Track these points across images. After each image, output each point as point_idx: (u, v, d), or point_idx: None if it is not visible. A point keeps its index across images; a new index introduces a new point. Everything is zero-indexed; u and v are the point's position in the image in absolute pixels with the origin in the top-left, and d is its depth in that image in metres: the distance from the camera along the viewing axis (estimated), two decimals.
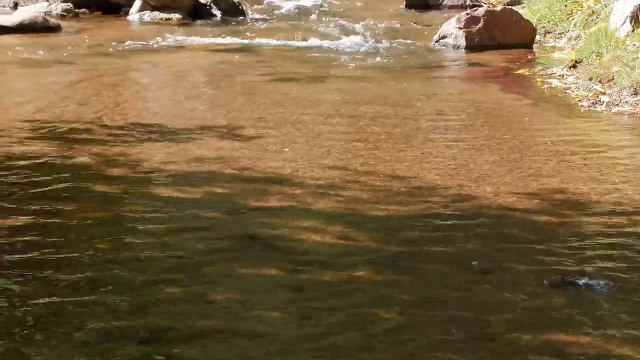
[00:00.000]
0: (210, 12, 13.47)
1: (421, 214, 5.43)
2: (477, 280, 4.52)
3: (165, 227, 5.18)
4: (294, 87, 9.04)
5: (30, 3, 13.70)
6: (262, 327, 4.03)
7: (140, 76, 9.91)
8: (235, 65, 10.22)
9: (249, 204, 5.58)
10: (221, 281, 4.50)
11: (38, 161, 6.39)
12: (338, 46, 11.33)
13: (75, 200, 5.61)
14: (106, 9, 13.54)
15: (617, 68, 8.75)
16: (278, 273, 4.59)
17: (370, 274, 4.58)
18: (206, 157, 6.51)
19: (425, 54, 10.88)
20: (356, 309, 4.20)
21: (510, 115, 7.90)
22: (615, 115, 7.97)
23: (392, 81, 9.41)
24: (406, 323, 4.09)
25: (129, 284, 4.44)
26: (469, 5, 13.58)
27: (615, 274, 4.55)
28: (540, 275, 4.55)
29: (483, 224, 5.27)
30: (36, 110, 7.92)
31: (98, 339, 3.91)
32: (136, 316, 4.11)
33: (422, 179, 6.07)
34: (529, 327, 4.04)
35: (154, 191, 5.80)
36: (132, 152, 6.65)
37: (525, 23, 11.25)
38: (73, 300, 4.27)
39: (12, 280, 4.47)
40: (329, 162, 6.42)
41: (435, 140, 7.03)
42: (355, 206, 5.54)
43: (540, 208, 5.52)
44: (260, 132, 7.21)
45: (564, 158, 6.55)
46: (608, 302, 4.26)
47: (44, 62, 10.27)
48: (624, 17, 9.70)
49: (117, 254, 4.80)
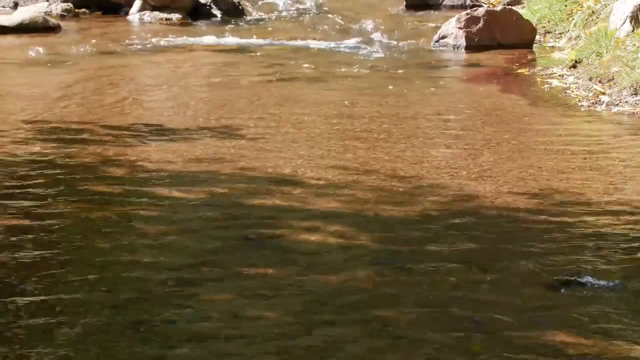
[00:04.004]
0: (210, 12, 13.46)
1: (421, 213, 5.43)
2: (477, 280, 4.52)
3: (165, 227, 5.18)
4: (294, 87, 9.03)
5: (30, 3, 13.69)
6: (261, 327, 4.03)
7: (140, 76, 9.90)
8: (235, 65, 10.22)
9: (249, 204, 5.58)
10: (221, 281, 4.50)
11: (38, 161, 6.39)
12: (338, 46, 11.32)
13: (75, 200, 5.61)
14: (106, 9, 13.53)
15: (617, 68, 8.75)
16: (278, 273, 4.59)
17: (370, 274, 4.58)
18: (206, 157, 6.51)
19: (425, 54, 10.88)
20: (356, 309, 4.20)
21: (510, 115, 7.90)
22: (615, 115, 7.97)
23: (392, 81, 9.41)
24: (406, 323, 4.09)
25: (129, 284, 4.45)
26: (469, 5, 13.56)
27: (616, 274, 4.56)
28: (540, 275, 4.56)
29: (483, 223, 5.27)
30: (36, 110, 7.92)
31: (97, 338, 3.91)
32: (136, 316, 4.12)
33: (422, 179, 6.07)
34: (529, 327, 4.04)
35: (153, 191, 5.80)
36: (132, 152, 6.65)
37: (525, 23, 11.24)
38: (73, 300, 4.27)
39: (12, 280, 4.48)
40: (329, 162, 6.42)
41: (435, 140, 7.03)
42: (355, 206, 5.54)
43: (540, 208, 5.52)
44: (260, 132, 7.21)
45: (564, 158, 6.55)
46: (608, 302, 4.27)
47: (44, 62, 10.26)
48: (624, 17, 9.70)
49: (116, 254, 4.80)
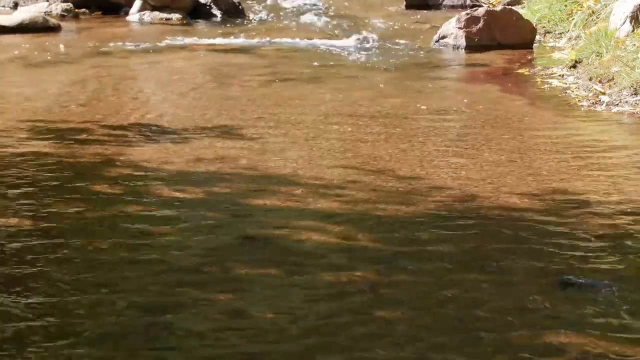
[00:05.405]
0: (210, 12, 13.46)
1: (421, 213, 5.43)
2: (477, 280, 4.52)
3: (165, 227, 5.18)
4: (294, 87, 9.04)
5: (30, 3, 13.69)
6: (261, 327, 4.03)
7: (140, 76, 9.91)
8: (235, 65, 10.22)
9: (249, 204, 5.58)
10: (221, 281, 4.50)
11: (38, 161, 6.39)
12: (338, 46, 11.32)
13: (75, 200, 5.61)
14: (106, 9, 13.54)
15: (617, 68, 8.75)
16: (278, 273, 4.59)
17: (370, 274, 4.58)
18: (206, 157, 6.51)
19: (425, 54, 10.88)
20: (356, 309, 4.20)
21: (510, 115, 7.90)
22: (615, 115, 7.97)
23: (392, 81, 9.41)
24: (406, 323, 4.09)
25: (129, 284, 4.45)
26: (469, 5, 13.57)
27: (616, 274, 4.56)
28: (540, 275, 4.56)
29: (483, 224, 5.27)
30: (36, 110, 7.92)
31: (98, 338, 3.91)
32: (136, 316, 4.12)
33: (422, 179, 6.07)
34: (529, 327, 4.04)
35: (154, 191, 5.80)
36: (132, 152, 6.65)
37: (525, 23, 11.24)
38: (73, 300, 4.27)
39: (12, 280, 4.47)
40: (329, 162, 6.42)
41: (435, 140, 7.03)
42: (355, 206, 5.54)
43: (540, 208, 5.52)
44: (260, 132, 7.21)
45: (564, 158, 6.55)
46: (608, 302, 4.27)
47: (44, 62, 10.27)
48: (624, 17, 9.70)
49: (116, 254, 4.80)
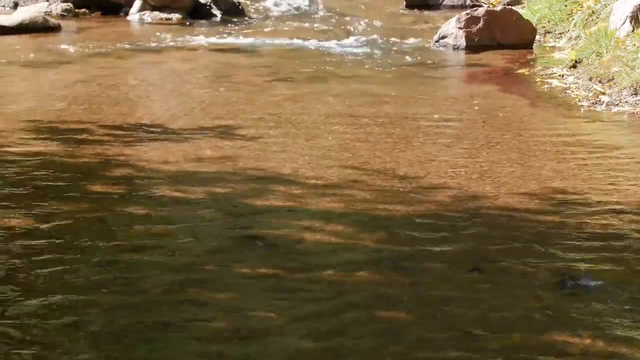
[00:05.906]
0: (210, 12, 13.46)
1: (421, 213, 5.43)
2: (477, 280, 4.52)
3: (165, 227, 5.18)
4: (294, 87, 9.03)
5: (30, 3, 13.69)
6: (261, 328, 4.03)
7: (140, 76, 9.90)
8: (235, 65, 10.22)
9: (249, 204, 5.58)
10: (221, 281, 4.50)
11: (38, 161, 6.39)
12: (338, 46, 11.32)
13: (75, 200, 5.61)
14: (106, 9, 13.53)
15: (617, 68, 8.75)
16: (278, 273, 4.59)
17: (370, 274, 4.58)
18: (206, 157, 6.51)
19: (425, 54, 10.88)
20: (356, 309, 4.21)
21: (510, 115, 7.90)
22: (615, 115, 7.97)
23: (392, 81, 9.41)
24: (407, 323, 4.09)
25: (129, 284, 4.45)
26: (469, 5, 13.56)
27: (616, 275, 4.56)
28: (540, 276, 4.56)
29: (483, 224, 5.27)
30: (36, 110, 7.92)
31: (97, 339, 3.92)
32: (136, 316, 4.12)
33: (422, 178, 6.07)
34: (529, 327, 4.04)
35: (154, 191, 5.80)
36: (132, 152, 6.65)
37: (525, 23, 11.24)
38: (72, 300, 4.27)
39: (12, 280, 4.48)
40: (329, 162, 6.42)
41: (435, 140, 7.03)
42: (355, 206, 5.54)
43: (540, 208, 5.52)
44: (260, 132, 7.21)
45: (564, 158, 6.55)
46: (608, 302, 4.27)
47: (44, 62, 10.27)
48: (624, 17, 9.70)
49: (116, 255, 4.80)
